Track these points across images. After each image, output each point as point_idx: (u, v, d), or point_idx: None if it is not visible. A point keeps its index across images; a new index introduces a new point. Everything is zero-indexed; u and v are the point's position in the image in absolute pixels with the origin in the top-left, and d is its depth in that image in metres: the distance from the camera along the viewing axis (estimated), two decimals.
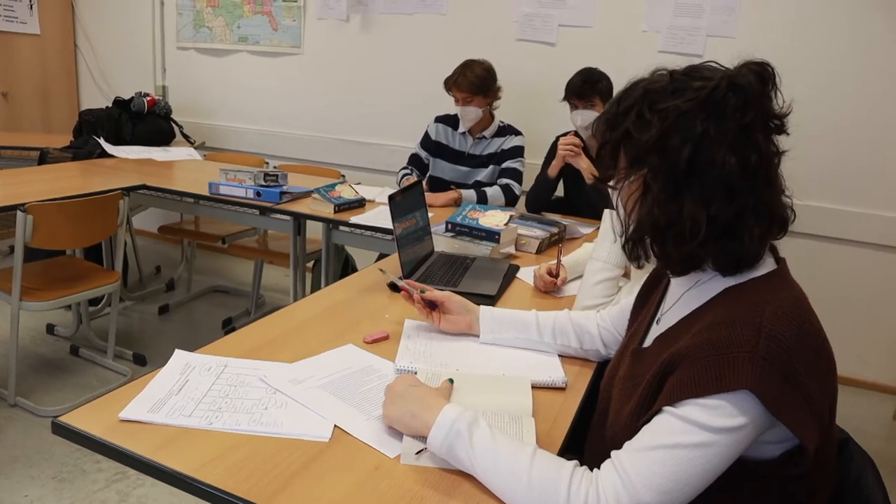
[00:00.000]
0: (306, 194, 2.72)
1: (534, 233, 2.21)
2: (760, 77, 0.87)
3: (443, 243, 2.06)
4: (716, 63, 0.91)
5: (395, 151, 3.66)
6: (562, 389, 1.22)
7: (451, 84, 2.88)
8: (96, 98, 4.58)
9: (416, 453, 0.95)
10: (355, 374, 1.20)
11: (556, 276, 1.75)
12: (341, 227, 2.57)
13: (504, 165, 2.90)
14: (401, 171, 3.09)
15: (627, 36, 3.19)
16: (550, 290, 1.77)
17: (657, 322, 1.06)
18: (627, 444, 0.86)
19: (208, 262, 4.35)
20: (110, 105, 3.71)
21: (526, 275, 1.87)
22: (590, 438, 1.12)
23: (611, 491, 0.81)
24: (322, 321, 1.46)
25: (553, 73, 2.96)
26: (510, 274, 1.86)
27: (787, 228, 0.92)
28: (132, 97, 3.70)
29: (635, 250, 0.95)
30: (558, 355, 1.34)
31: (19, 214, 2.29)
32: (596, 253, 1.61)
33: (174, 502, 2.04)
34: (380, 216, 2.50)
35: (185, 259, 4.05)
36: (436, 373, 1.20)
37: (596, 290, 1.57)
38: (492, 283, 1.73)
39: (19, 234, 2.30)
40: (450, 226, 2.13)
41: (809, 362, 0.82)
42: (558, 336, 1.34)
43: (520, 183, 2.87)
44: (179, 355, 1.20)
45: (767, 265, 0.92)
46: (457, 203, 2.73)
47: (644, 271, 1.14)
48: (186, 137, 3.97)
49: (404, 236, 1.71)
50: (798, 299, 0.87)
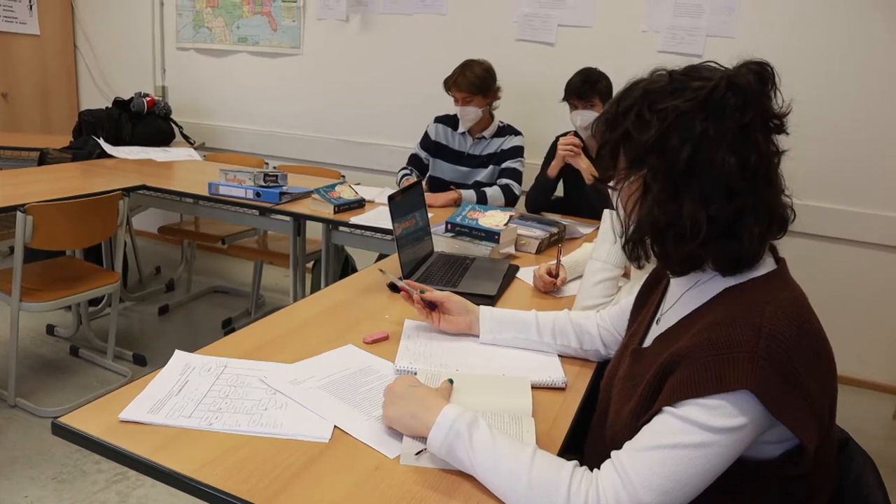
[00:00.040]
0: (306, 195, 2.72)
1: (533, 233, 2.20)
2: (760, 77, 0.87)
3: (442, 243, 2.06)
4: (715, 63, 0.91)
5: (395, 152, 3.66)
6: (562, 389, 1.22)
7: (450, 84, 2.88)
8: (96, 98, 4.58)
9: (416, 454, 0.95)
10: (355, 375, 1.20)
11: (556, 276, 1.75)
12: (341, 228, 2.57)
13: (504, 165, 2.90)
14: (400, 171, 3.09)
15: (627, 36, 3.19)
16: (550, 290, 1.77)
17: (657, 322, 1.06)
18: (627, 445, 0.86)
19: (208, 263, 4.35)
20: (110, 105, 3.71)
21: (526, 275, 1.87)
22: (590, 438, 1.12)
23: (611, 491, 0.81)
24: (322, 322, 1.45)
25: (553, 74, 2.96)
26: (510, 274, 1.86)
27: (787, 228, 0.92)
28: (132, 97, 3.70)
29: (635, 250, 0.95)
30: (558, 355, 1.34)
31: (19, 215, 2.29)
32: (596, 253, 1.61)
33: (174, 503, 2.04)
34: (379, 216, 2.50)
35: (184, 259, 4.05)
36: (435, 373, 1.20)
37: (596, 291, 1.57)
38: (491, 284, 1.73)
39: (19, 234, 2.30)
40: (449, 226, 2.13)
41: (809, 362, 0.82)
42: (558, 336, 1.34)
43: (519, 183, 2.87)
44: (179, 356, 1.20)
45: (767, 265, 0.92)
46: (456, 203, 2.73)
47: (644, 271, 1.14)
48: (186, 138, 3.97)
49: (404, 237, 1.71)
50: (798, 299, 0.87)
